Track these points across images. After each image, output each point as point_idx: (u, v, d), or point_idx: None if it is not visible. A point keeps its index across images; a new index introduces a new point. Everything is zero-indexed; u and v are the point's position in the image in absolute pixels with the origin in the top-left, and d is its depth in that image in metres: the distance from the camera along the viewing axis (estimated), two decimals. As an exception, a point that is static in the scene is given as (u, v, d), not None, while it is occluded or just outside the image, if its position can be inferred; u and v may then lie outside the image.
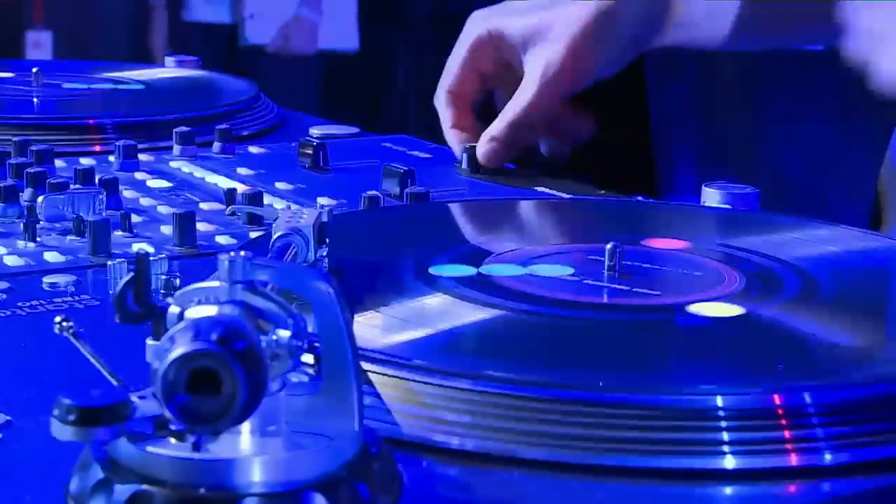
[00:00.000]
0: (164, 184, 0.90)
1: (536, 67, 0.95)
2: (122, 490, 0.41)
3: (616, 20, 0.95)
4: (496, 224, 0.77)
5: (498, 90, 1.00)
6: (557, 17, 0.95)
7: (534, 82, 0.95)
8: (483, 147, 0.95)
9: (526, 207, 0.82)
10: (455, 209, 0.81)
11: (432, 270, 0.64)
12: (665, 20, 0.95)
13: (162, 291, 0.63)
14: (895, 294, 0.65)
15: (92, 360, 0.45)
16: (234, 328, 0.40)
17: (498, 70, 0.99)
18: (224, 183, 0.90)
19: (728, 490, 0.47)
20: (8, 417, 0.50)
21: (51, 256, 0.73)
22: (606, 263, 0.64)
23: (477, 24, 0.99)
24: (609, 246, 0.64)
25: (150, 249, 0.73)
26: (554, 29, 0.95)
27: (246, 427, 0.42)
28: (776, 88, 1.18)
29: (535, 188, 0.91)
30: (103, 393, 0.41)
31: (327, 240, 0.64)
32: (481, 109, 1.01)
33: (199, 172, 0.94)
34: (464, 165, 0.96)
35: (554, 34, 0.94)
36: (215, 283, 0.44)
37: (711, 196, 0.82)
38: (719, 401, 0.48)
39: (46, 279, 0.68)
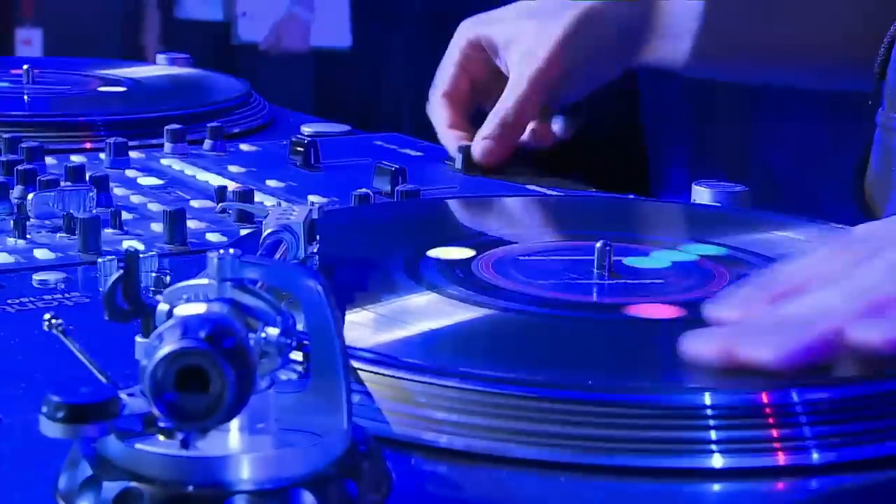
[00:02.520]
0: (154, 181, 0.90)
1: (520, 65, 0.98)
2: (111, 487, 0.41)
3: (595, 25, 0.99)
4: (486, 221, 0.77)
5: (488, 104, 1.01)
6: (538, 21, 1.00)
7: (520, 79, 0.98)
8: (478, 146, 0.97)
9: (517, 205, 0.82)
10: (446, 207, 0.81)
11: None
12: (648, 33, 0.98)
13: (152, 289, 0.63)
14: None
15: (81, 357, 0.45)
16: (223, 326, 0.40)
17: (487, 78, 1.02)
18: (215, 180, 0.90)
19: (716, 488, 0.47)
20: (-3, 414, 0.50)
21: (41, 253, 0.72)
22: (596, 262, 0.64)
23: (467, 31, 1.03)
24: (599, 244, 0.64)
25: (141, 247, 0.73)
26: (535, 30, 0.99)
27: (235, 424, 0.42)
28: (766, 88, 1.18)
29: (527, 186, 0.92)
30: (92, 390, 0.41)
31: (318, 237, 0.64)
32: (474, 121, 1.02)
33: (189, 170, 0.94)
34: (458, 165, 0.96)
35: (535, 34, 0.99)
36: (204, 281, 0.44)
37: (701, 194, 0.82)
38: (707, 399, 0.48)
39: (36, 276, 0.68)
